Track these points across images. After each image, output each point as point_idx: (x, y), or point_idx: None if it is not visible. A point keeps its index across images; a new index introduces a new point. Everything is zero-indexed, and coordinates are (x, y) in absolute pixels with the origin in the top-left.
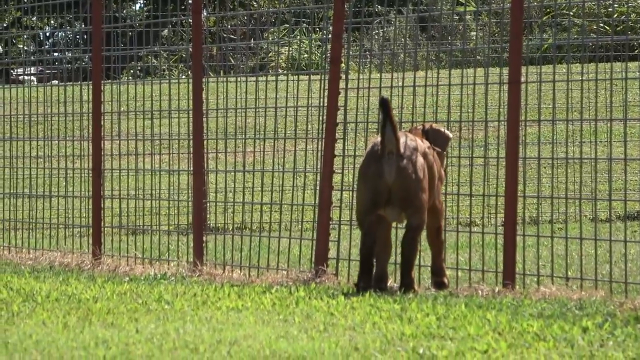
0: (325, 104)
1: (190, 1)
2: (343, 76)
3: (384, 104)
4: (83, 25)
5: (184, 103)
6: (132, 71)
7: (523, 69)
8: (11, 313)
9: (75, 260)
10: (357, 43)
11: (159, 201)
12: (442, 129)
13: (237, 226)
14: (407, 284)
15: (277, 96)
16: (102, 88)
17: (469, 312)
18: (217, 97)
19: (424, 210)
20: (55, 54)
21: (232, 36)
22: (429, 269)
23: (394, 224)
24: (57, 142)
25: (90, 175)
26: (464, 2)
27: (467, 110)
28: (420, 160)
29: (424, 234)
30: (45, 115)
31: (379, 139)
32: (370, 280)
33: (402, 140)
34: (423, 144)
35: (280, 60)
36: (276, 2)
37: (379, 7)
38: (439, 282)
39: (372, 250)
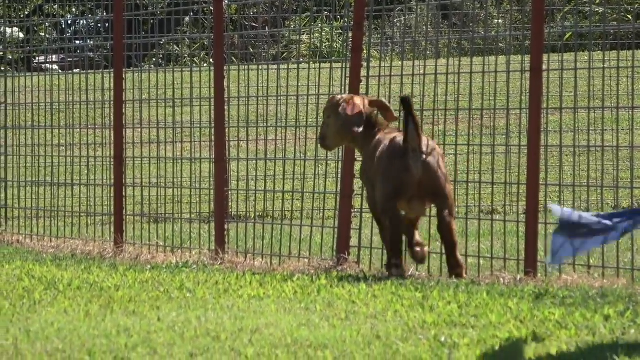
0: (347, 92)
1: None
2: (364, 64)
3: (406, 102)
4: (105, 13)
5: (206, 91)
6: (153, 59)
7: (545, 57)
8: (33, 301)
9: (97, 249)
10: (378, 31)
11: (180, 189)
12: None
13: (259, 214)
14: (460, 266)
15: (299, 84)
16: (123, 76)
17: (491, 300)
18: (238, 85)
19: (452, 198)
20: (77, 42)
21: (254, 24)
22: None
23: None
24: (79, 130)
25: (112, 163)
26: None
27: (489, 98)
28: (439, 153)
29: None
30: (67, 103)
31: (394, 135)
32: (402, 263)
33: (423, 138)
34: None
35: (302, 49)
36: None
37: None
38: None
39: (401, 235)
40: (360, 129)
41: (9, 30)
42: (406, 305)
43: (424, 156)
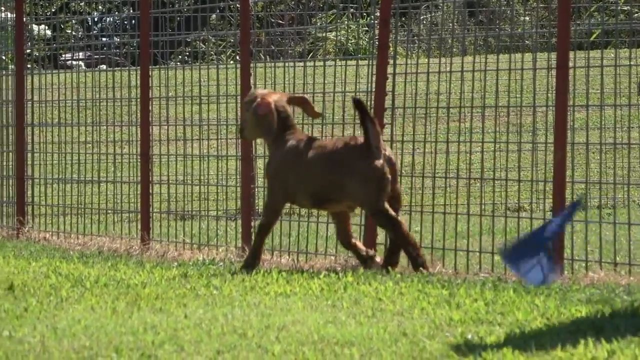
0: (373, 89)
1: None
2: (391, 61)
3: (359, 103)
4: (131, 10)
5: (232, 88)
6: (180, 56)
7: (571, 54)
8: (60, 298)
9: (123, 246)
10: (405, 28)
11: (207, 186)
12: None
13: (285, 211)
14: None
15: (325, 81)
16: (150, 73)
17: (518, 297)
18: (265, 82)
19: None
20: (104, 39)
21: (280, 21)
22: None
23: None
24: (105, 127)
25: (139, 160)
26: None
27: (515, 96)
28: (390, 150)
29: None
30: (94, 100)
31: (316, 139)
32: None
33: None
34: None
35: (328, 46)
36: None
37: None
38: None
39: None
40: (270, 130)
41: (35, 27)
42: (432, 303)
43: (385, 152)
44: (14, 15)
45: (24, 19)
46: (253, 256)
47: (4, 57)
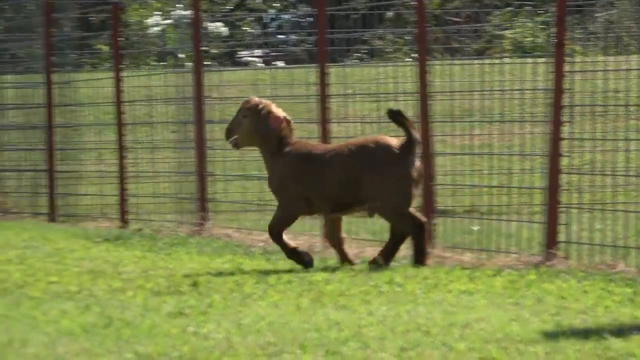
0: (551, 87)
1: None
2: (568, 59)
3: (395, 115)
4: (308, 8)
5: (409, 86)
6: (357, 54)
7: None
8: (244, 295)
9: (306, 243)
10: (581, 26)
11: None
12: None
13: (466, 209)
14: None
15: (503, 79)
16: (327, 71)
17: None
18: (442, 80)
19: None
20: (280, 36)
21: (456, 19)
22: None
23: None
24: None
25: None
26: None
27: None
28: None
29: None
30: (272, 97)
31: (322, 145)
32: None
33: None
34: None
35: (505, 43)
36: None
37: None
38: None
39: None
40: (271, 141)
41: (212, 25)
42: (616, 301)
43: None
44: (191, 12)
45: (201, 16)
46: (296, 254)
47: (182, 55)
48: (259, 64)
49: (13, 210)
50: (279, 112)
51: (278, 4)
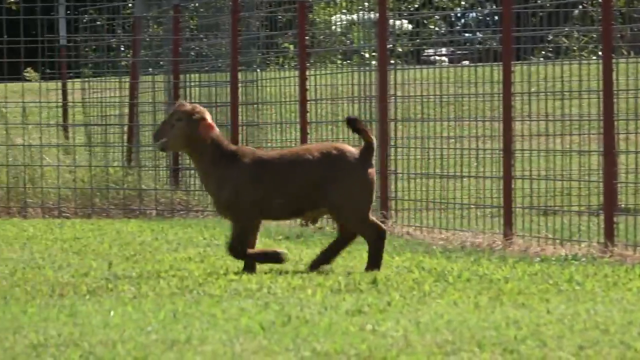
0: None
1: None
2: None
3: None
4: (494, 6)
5: (594, 84)
6: (542, 52)
7: None
8: (423, 293)
9: (486, 241)
10: None
11: (569, 182)
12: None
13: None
14: None
15: None
16: (512, 69)
17: None
18: (627, 77)
19: None
20: (466, 34)
21: None
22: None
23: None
24: (467, 122)
25: (501, 155)
26: None
27: None
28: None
29: None
30: (457, 95)
31: (269, 151)
32: None
33: None
34: None
35: None
36: None
37: None
38: None
39: None
40: (204, 147)
41: (398, 22)
42: None
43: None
44: (375, 14)
45: (387, 14)
46: (269, 256)
47: (366, 54)
48: (445, 63)
49: (196, 208)
50: (212, 122)
51: (464, 2)
